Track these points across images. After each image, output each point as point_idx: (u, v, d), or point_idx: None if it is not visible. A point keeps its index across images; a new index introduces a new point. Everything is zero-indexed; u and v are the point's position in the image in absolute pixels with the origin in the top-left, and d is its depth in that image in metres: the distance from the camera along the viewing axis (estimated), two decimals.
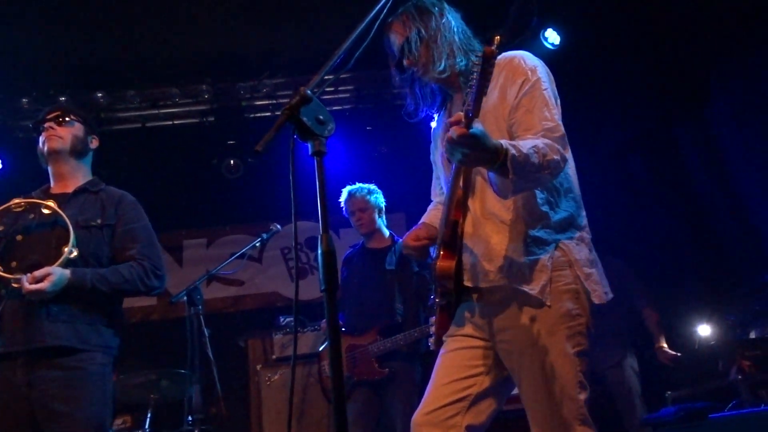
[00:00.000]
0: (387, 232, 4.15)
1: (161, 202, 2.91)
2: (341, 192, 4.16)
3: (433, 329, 2.16)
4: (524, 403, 1.96)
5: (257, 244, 4.06)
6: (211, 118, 5.97)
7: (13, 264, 2.47)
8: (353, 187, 4.15)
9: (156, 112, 5.88)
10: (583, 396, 1.88)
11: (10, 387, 2.38)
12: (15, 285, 2.38)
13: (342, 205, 4.13)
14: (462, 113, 1.62)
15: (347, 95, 5.96)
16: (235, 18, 5.09)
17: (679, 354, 4.56)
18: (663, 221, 5.71)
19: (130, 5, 4.85)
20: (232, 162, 6.15)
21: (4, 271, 2.41)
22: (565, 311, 1.90)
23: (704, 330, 4.65)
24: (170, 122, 5.95)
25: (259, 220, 5.88)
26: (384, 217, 4.17)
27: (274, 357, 4.77)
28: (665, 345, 4.62)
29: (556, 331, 1.89)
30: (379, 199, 4.14)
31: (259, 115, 6.03)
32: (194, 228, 6.55)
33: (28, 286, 2.33)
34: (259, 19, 5.15)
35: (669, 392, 4.33)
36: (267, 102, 5.97)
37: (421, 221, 2.28)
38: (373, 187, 4.17)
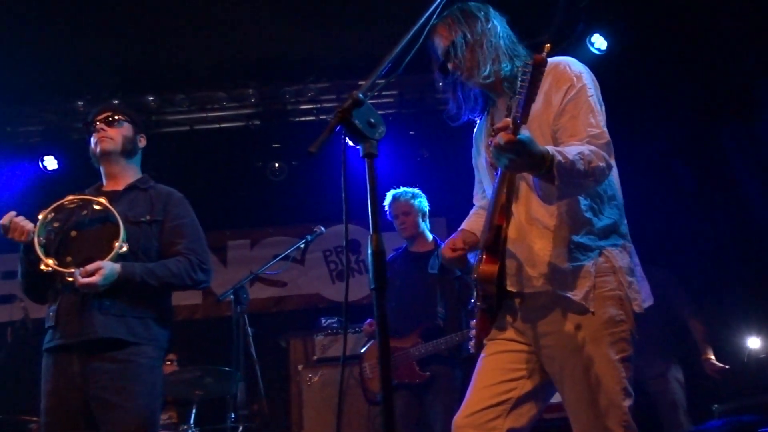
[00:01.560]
0: (430, 236, 4.16)
1: (207, 203, 2.98)
2: (384, 196, 4.19)
3: (472, 333, 2.16)
4: (567, 410, 1.95)
5: (301, 246, 4.11)
6: (257, 122, 6.07)
7: (68, 259, 2.57)
8: (397, 191, 4.17)
9: (204, 115, 6.02)
10: (627, 403, 1.87)
11: (66, 377, 2.48)
12: (69, 279, 2.47)
13: (386, 208, 4.16)
14: (510, 119, 1.62)
15: (391, 100, 6.01)
16: (281, 23, 5.19)
17: (726, 366, 4.44)
18: (710, 229, 5.57)
19: (180, 12, 4.99)
20: (276, 165, 6.27)
21: (59, 266, 2.51)
22: (608, 317, 1.89)
23: (754, 342, 4.53)
24: (217, 125, 6.09)
25: (301, 222, 5.98)
26: (427, 221, 4.18)
27: (315, 358, 4.84)
28: (712, 357, 4.50)
29: (599, 338, 1.88)
30: (422, 203, 4.16)
31: (303, 119, 6.11)
32: (239, 229, 6.67)
33: (81, 280, 2.42)
34: (304, 23, 5.23)
35: (716, 405, 4.22)
36: (311, 106, 6.05)
37: (460, 228, 2.28)
38: (417, 191, 4.18)
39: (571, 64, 2.03)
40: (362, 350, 4.18)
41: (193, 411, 4.17)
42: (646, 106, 5.50)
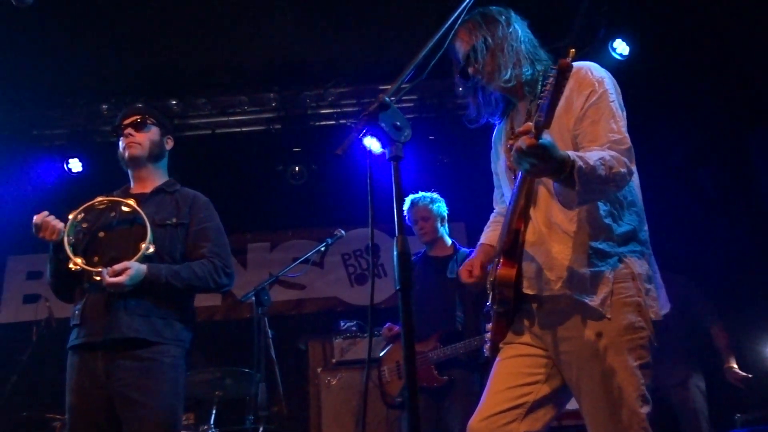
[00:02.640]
0: (449, 241, 4.17)
1: (228, 206, 3.02)
2: (403, 200, 4.19)
3: (488, 336, 2.16)
4: (584, 416, 1.94)
5: (322, 249, 4.13)
6: (278, 126, 6.13)
7: (96, 258, 2.62)
8: (416, 196, 4.18)
9: (225, 119, 6.10)
10: (645, 409, 1.85)
11: (90, 375, 2.52)
12: (96, 278, 2.52)
13: (404, 213, 4.16)
14: (531, 123, 1.62)
15: (410, 104, 6.02)
16: (301, 29, 5.24)
17: (750, 375, 4.38)
18: (734, 237, 5.51)
19: (202, 19, 5.06)
20: (296, 168, 6.31)
21: (87, 265, 2.55)
22: (627, 323, 1.88)
23: None
24: (238, 129, 6.16)
25: (321, 225, 6.02)
26: (446, 225, 4.18)
27: (333, 360, 4.86)
28: (735, 365, 4.44)
29: (618, 344, 1.87)
30: (441, 207, 4.16)
31: (323, 123, 6.16)
32: (259, 231, 6.71)
33: (108, 279, 2.47)
34: (325, 29, 5.28)
35: (738, 414, 4.17)
36: (331, 110, 6.10)
37: (480, 242, 2.30)
38: (435, 196, 4.19)
39: (592, 69, 2.03)
40: (381, 354, 4.19)
41: (213, 412, 4.20)
42: (668, 112, 5.46)
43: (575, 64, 2.04)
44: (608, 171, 1.75)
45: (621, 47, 5.05)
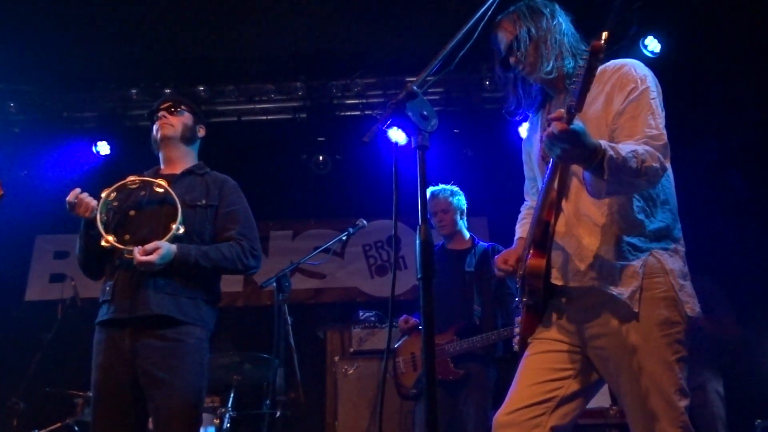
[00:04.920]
0: (467, 234, 4.16)
1: (251, 193, 3.05)
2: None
3: (517, 330, 2.16)
4: (624, 409, 1.96)
5: (343, 238, 4.14)
6: (303, 115, 6.14)
7: (126, 237, 2.67)
8: (436, 188, 4.17)
9: (252, 107, 6.13)
10: (683, 403, 1.86)
11: (117, 353, 2.57)
12: (127, 256, 2.57)
13: None
14: (564, 109, 1.63)
15: (436, 97, 5.99)
16: (330, 19, 5.26)
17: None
18: (764, 241, 5.41)
19: (231, 6, 5.10)
20: (320, 158, 6.32)
21: (118, 243, 2.60)
22: (663, 318, 1.87)
23: None
24: (264, 117, 6.19)
25: (343, 216, 6.03)
26: (465, 219, 4.18)
27: (351, 350, 4.89)
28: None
29: (654, 339, 1.86)
30: (461, 201, 4.16)
31: (349, 113, 6.17)
32: (281, 219, 6.74)
33: (139, 258, 2.51)
34: (353, 20, 5.29)
35: (759, 420, 4.12)
36: (357, 101, 6.10)
37: (517, 236, 2.32)
38: (455, 188, 4.19)
39: (636, 66, 2.02)
40: (396, 345, 4.20)
41: (231, 395, 4.26)
42: (698, 111, 5.37)
43: (619, 61, 2.05)
44: (640, 164, 1.75)
45: (652, 44, 4.99)
